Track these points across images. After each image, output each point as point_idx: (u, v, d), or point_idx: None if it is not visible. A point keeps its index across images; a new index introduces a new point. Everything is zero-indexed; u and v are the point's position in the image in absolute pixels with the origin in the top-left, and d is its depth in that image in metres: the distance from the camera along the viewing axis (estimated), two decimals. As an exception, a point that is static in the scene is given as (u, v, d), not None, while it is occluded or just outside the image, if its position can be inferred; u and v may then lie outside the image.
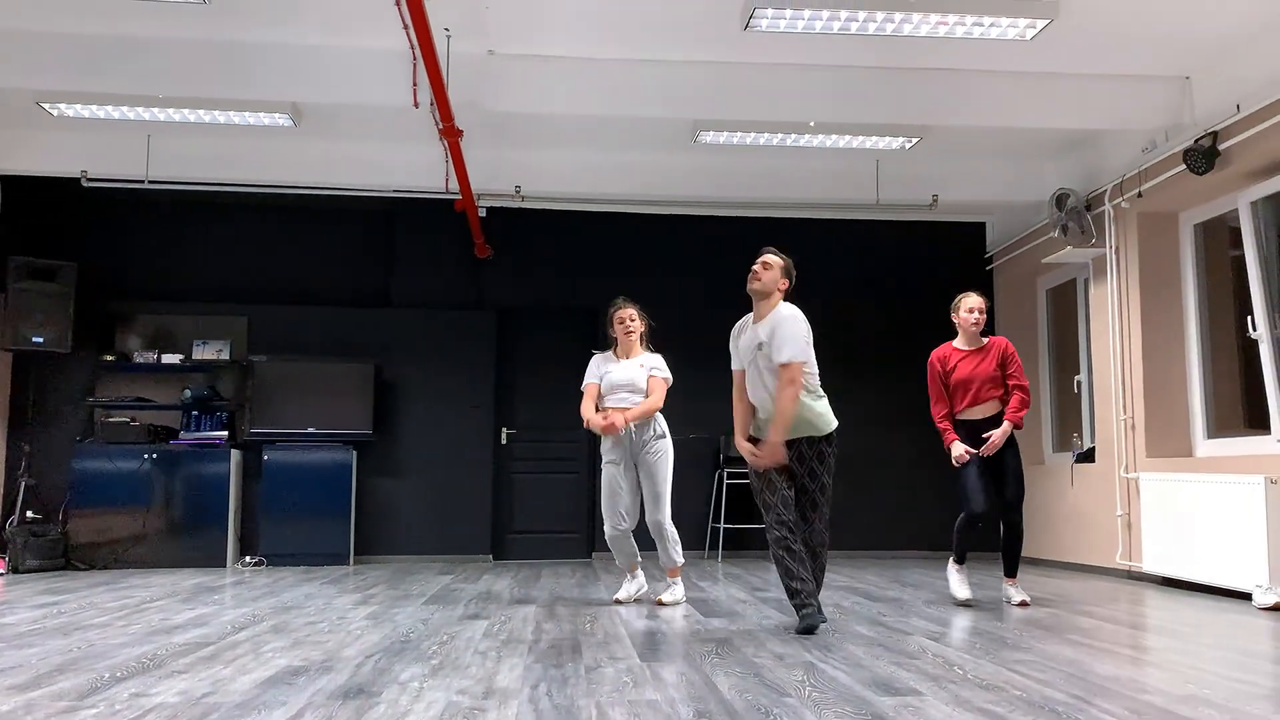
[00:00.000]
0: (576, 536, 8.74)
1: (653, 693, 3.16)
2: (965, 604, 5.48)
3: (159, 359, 8.26)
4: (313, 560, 8.07)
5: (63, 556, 7.68)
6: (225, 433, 8.18)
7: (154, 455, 7.91)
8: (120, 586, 6.42)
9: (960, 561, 5.61)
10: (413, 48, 5.90)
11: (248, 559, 8.04)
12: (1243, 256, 6.46)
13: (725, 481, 8.72)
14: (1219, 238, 6.94)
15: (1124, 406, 7.20)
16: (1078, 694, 3.16)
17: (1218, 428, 6.87)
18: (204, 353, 8.41)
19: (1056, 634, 4.44)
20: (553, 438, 8.80)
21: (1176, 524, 6.37)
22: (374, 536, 8.45)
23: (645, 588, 5.77)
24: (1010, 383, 5.41)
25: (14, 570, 7.39)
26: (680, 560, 5.58)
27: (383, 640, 4.22)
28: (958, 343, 5.55)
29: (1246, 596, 5.79)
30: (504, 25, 6.03)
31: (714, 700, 3.06)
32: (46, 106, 6.84)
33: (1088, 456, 7.73)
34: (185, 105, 6.79)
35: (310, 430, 8.19)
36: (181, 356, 8.31)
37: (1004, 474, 5.39)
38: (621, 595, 5.67)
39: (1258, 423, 6.46)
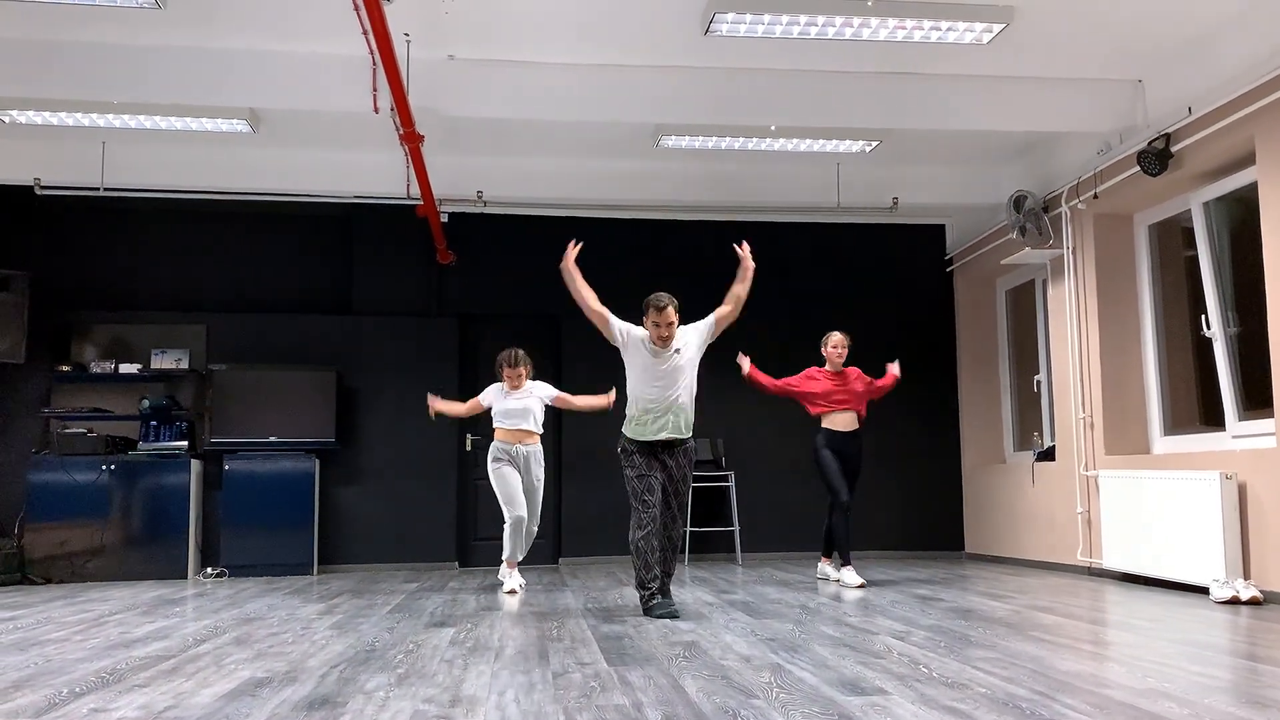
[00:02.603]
0: (542, 542, 8.68)
1: (620, 697, 3.16)
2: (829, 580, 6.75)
3: (116, 369, 8.14)
4: (275, 571, 7.99)
5: (19, 571, 7.54)
6: (185, 443, 8.07)
7: (112, 466, 7.79)
8: (79, 600, 6.32)
9: (830, 556, 6.90)
10: (372, 53, 5.86)
11: (209, 570, 7.94)
12: (1196, 256, 6.57)
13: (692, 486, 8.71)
14: (1173, 238, 7.06)
15: (1082, 405, 7.29)
16: (1041, 690, 3.20)
17: (1174, 425, 6.98)
18: (162, 362, 8.29)
19: (1019, 631, 4.49)
20: (517, 443, 8.76)
21: (1135, 520, 6.46)
22: (338, 545, 8.38)
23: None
24: (877, 383, 6.87)
25: (-32, 586, 7.26)
26: (520, 558, 6.61)
27: (347, 650, 4.19)
28: (826, 368, 6.89)
29: (1204, 591, 5.88)
30: (464, 30, 6.02)
31: (682, 703, 3.06)
32: (-2, 113, 6.74)
33: (1048, 455, 7.83)
34: (141, 111, 6.71)
35: (271, 439, 8.11)
36: (139, 366, 8.20)
37: (854, 476, 6.76)
38: (517, 586, 6.47)
39: (1213, 419, 6.57)
